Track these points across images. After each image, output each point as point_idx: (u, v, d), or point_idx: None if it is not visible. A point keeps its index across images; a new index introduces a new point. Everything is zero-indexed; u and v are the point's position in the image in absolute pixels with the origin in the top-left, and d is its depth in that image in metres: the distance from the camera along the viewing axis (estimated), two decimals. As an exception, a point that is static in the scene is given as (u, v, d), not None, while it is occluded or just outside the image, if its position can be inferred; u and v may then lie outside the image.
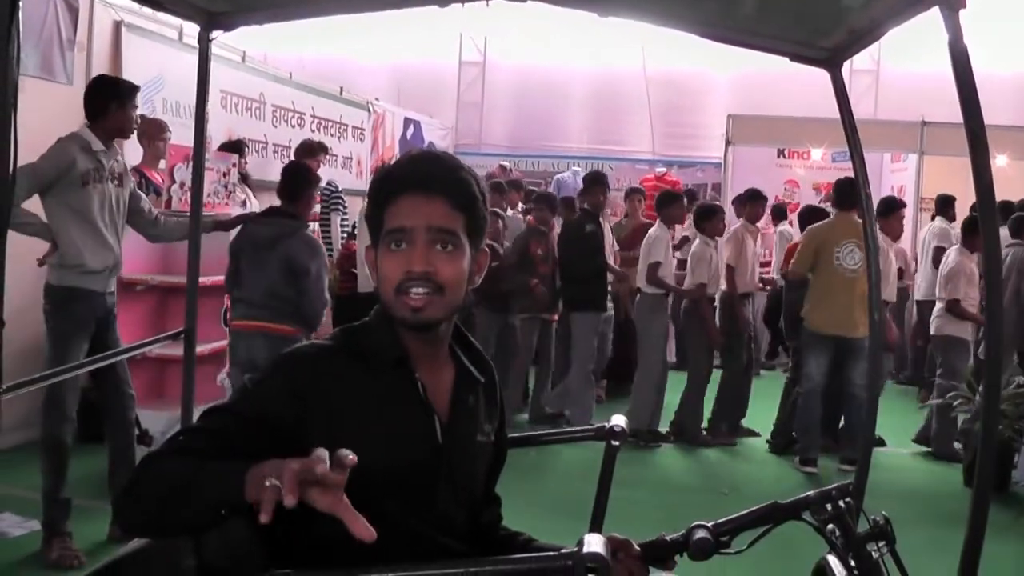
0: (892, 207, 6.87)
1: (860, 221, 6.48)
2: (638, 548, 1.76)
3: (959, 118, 1.87)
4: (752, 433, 7.36)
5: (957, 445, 6.86)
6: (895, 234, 7.04)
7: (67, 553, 4.13)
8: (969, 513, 1.72)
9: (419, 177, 1.73)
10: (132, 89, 4.55)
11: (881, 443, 6.73)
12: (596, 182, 7.42)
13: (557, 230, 7.81)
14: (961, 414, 6.61)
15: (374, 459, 1.67)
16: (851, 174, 2.71)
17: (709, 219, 7.23)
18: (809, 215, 7.69)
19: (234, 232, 5.17)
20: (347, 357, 1.73)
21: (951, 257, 7.20)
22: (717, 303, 7.33)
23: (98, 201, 4.35)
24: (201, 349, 5.22)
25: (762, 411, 7.42)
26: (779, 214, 10.81)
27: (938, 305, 7.20)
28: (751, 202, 7.76)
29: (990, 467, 1.77)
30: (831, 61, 2.47)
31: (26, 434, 5.82)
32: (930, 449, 7.09)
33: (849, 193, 6.40)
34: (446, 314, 1.75)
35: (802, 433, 6.67)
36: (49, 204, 4.28)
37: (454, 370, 1.85)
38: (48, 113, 5.83)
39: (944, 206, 9.23)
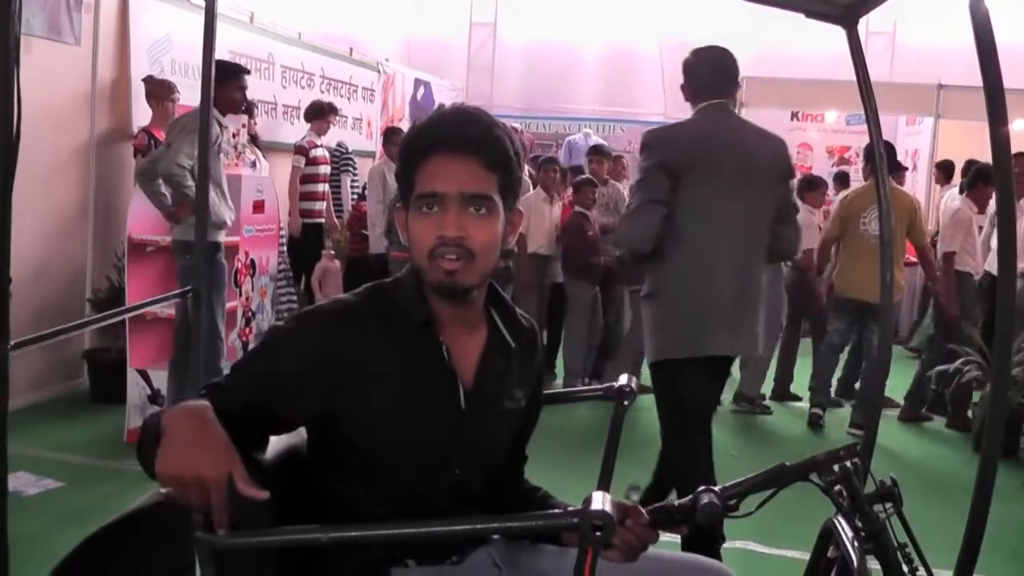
0: (987, 179, 6.92)
1: (894, 187, 6.51)
2: (647, 515, 1.76)
3: (976, 81, 1.84)
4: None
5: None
6: (983, 204, 7.06)
7: None
8: (976, 478, 1.72)
9: (451, 137, 1.66)
10: (237, 70, 5.45)
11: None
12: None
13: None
14: (972, 378, 6.60)
15: (392, 420, 1.68)
16: (866, 137, 2.69)
17: (812, 190, 7.31)
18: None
19: (244, 192, 5.41)
20: (373, 315, 1.71)
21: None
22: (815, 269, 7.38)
23: (220, 166, 5.19)
24: (212, 310, 5.27)
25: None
26: None
27: None
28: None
29: (999, 431, 1.76)
30: (846, 18, 2.44)
31: (38, 395, 5.89)
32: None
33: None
34: (479, 279, 1.71)
35: (816, 382, 6.81)
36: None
37: (486, 334, 1.81)
38: (56, 74, 5.83)
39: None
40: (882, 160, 2.41)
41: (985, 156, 8.20)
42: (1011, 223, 1.77)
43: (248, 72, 5.68)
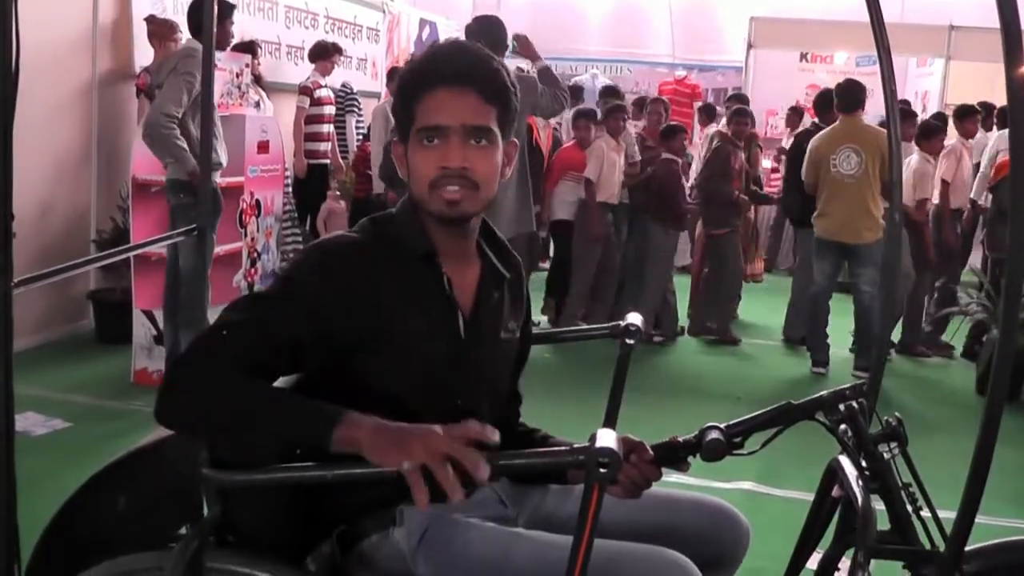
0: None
1: (861, 124, 6.45)
2: (651, 452, 1.77)
3: (987, 22, 1.81)
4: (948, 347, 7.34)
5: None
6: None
7: None
8: (981, 419, 1.72)
9: (451, 71, 1.69)
10: (231, 7, 5.42)
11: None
12: (829, 103, 7.10)
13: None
14: (975, 319, 6.64)
15: (399, 351, 1.69)
16: (876, 79, 2.64)
17: (930, 137, 7.12)
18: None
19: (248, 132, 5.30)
20: (376, 248, 1.72)
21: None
22: (929, 218, 7.29)
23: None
24: (217, 251, 5.26)
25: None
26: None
27: None
28: (967, 117, 7.71)
29: (1006, 373, 1.75)
30: (858, -45, 2.39)
31: (44, 336, 5.92)
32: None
33: (851, 95, 6.36)
34: (480, 208, 1.75)
35: (811, 336, 6.71)
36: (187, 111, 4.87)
37: (480, 266, 1.84)
38: (56, 13, 5.76)
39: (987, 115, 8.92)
40: (894, 98, 2.37)
41: (995, 97, 8.20)
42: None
43: (235, 6, 5.61)
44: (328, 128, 8.02)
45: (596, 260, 7.14)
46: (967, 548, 1.77)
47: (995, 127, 8.38)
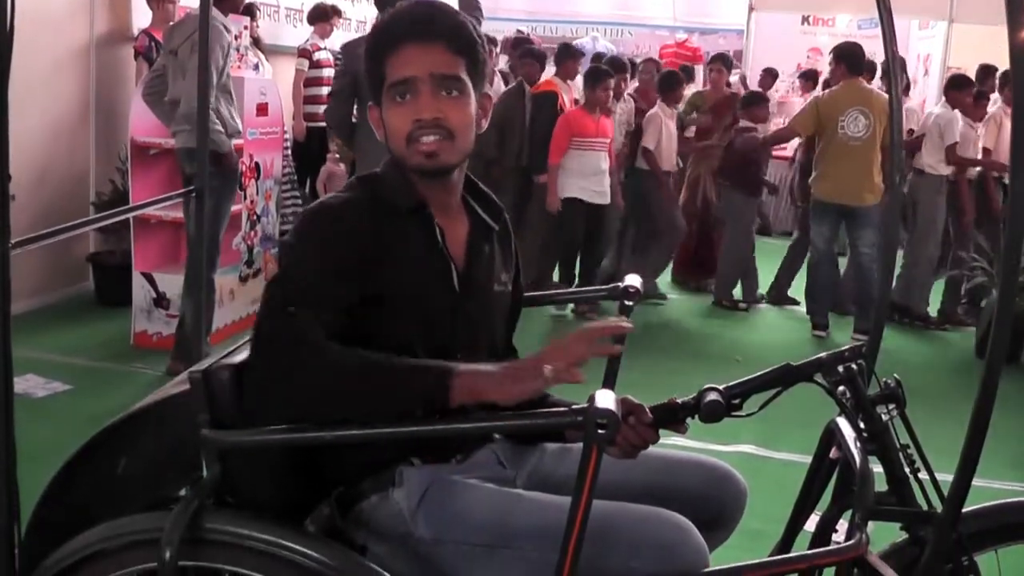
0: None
1: (867, 87, 6.42)
2: (651, 415, 1.77)
3: (991, -16, 1.79)
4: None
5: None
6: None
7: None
8: (980, 381, 1.72)
9: (416, 25, 1.71)
10: None
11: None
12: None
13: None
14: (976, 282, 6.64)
15: (398, 307, 1.70)
16: (878, 42, 2.62)
17: (960, 89, 7.03)
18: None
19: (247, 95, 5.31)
20: (370, 206, 1.73)
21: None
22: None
23: (227, 71, 4.96)
24: (216, 214, 5.23)
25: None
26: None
27: None
28: (1010, 83, 7.61)
29: (1005, 335, 1.75)
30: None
31: (44, 298, 5.91)
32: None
33: (856, 58, 6.32)
34: (459, 159, 1.75)
35: (811, 298, 6.74)
36: None
37: (468, 220, 1.85)
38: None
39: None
40: (895, 59, 2.35)
41: (997, 61, 8.11)
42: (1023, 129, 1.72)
43: None
44: (327, 91, 7.97)
45: (683, 225, 7.23)
46: (964, 510, 1.78)
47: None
